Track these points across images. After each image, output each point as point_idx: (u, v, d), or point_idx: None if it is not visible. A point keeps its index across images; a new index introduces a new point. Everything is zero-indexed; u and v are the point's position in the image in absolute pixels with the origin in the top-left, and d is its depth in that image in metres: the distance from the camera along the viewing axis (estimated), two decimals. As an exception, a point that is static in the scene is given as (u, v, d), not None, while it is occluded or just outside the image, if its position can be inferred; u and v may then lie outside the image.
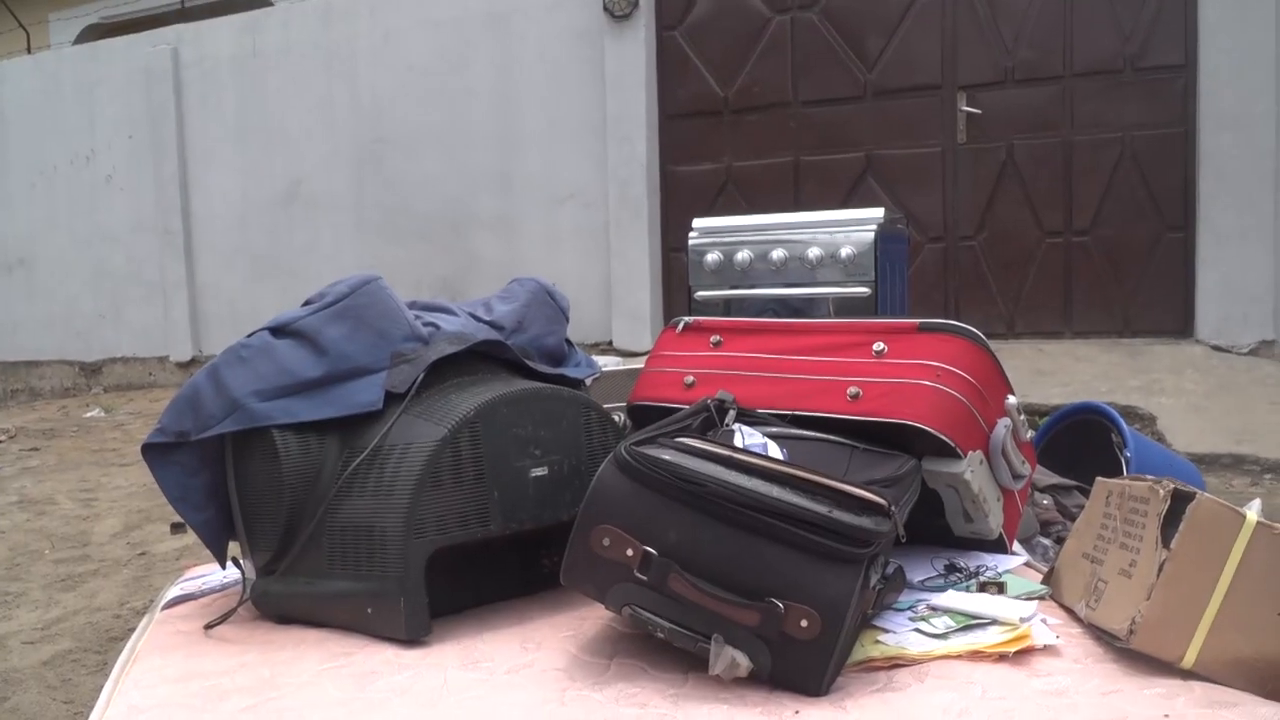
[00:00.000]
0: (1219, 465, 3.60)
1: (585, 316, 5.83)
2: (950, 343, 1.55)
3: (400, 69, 6.40)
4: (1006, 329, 5.08)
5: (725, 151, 5.66)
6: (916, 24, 5.19)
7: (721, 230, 2.94)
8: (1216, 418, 3.87)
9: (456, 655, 1.31)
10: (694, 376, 1.73)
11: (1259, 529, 1.21)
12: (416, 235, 6.41)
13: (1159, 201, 4.62)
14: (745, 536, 1.16)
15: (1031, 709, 1.10)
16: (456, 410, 1.39)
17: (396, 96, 6.43)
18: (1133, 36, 4.77)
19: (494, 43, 6.10)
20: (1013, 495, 1.65)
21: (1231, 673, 1.20)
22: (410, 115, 6.39)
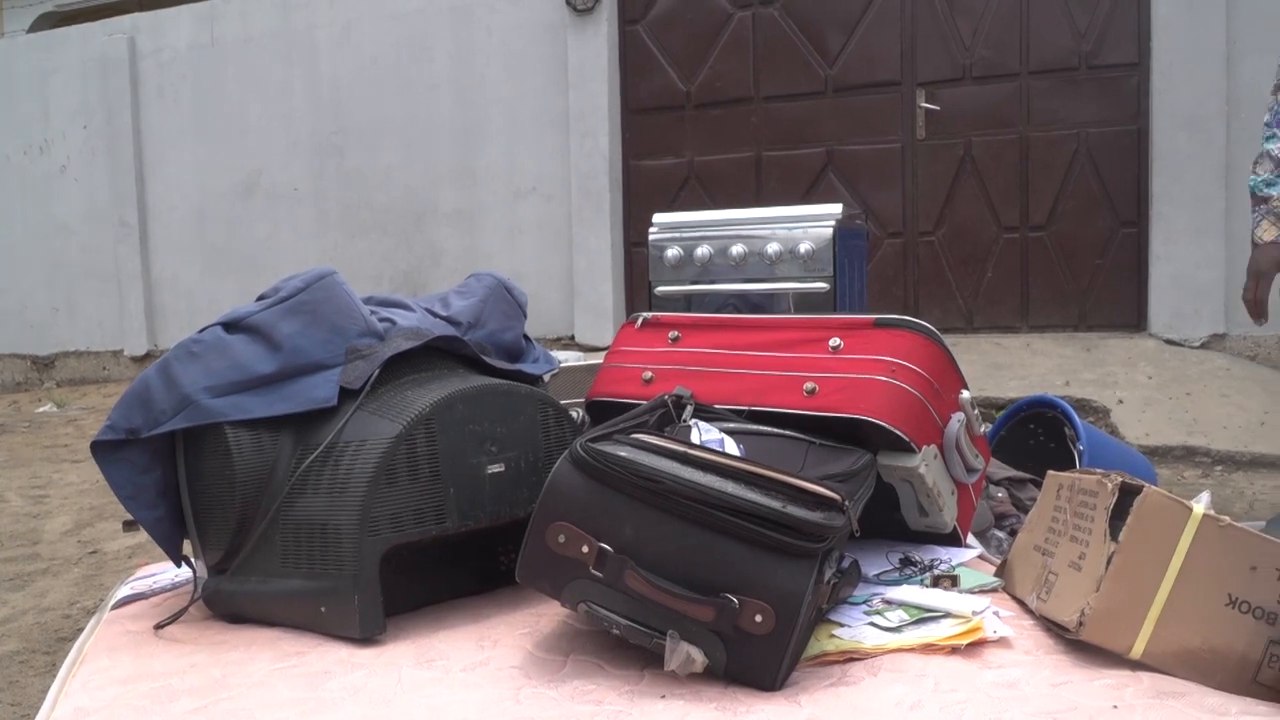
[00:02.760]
0: (1171, 457, 3.66)
1: (547, 310, 5.82)
2: (905, 338, 1.57)
3: (361, 60, 6.35)
4: (965, 323, 5.12)
5: (687, 146, 5.66)
6: (876, 21, 5.22)
7: (682, 225, 2.94)
8: (1169, 410, 3.93)
9: (411, 654, 1.30)
10: (652, 372, 1.73)
11: (1205, 521, 1.23)
12: (377, 228, 6.36)
13: (1113, 198, 4.68)
14: (700, 532, 1.16)
15: (983, 701, 1.12)
16: (412, 407, 1.38)
17: (357, 88, 6.37)
18: (1088, 35, 4.83)
19: (455, 35, 6.06)
20: (967, 489, 1.67)
21: (1179, 663, 1.22)
22: (371, 107, 6.34)
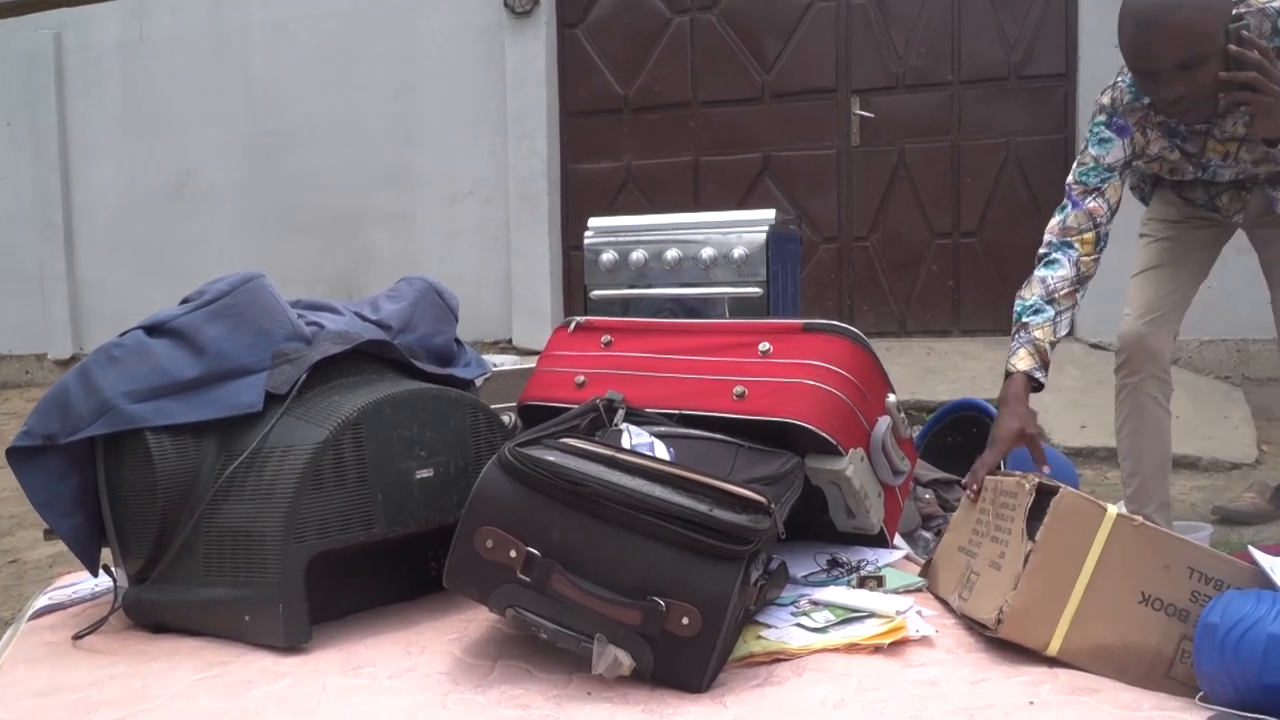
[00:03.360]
0: (1095, 458, 3.75)
1: (485, 314, 5.79)
2: (832, 343, 1.59)
3: (294, 59, 6.26)
4: (898, 328, 5.20)
5: (626, 150, 5.68)
6: (812, 28, 5.28)
7: (617, 230, 2.95)
8: (1094, 413, 4.02)
9: (337, 662, 1.29)
10: (585, 376, 1.74)
11: (1119, 521, 1.27)
12: (311, 230, 6.28)
13: (1041, 205, 4.78)
14: (627, 536, 1.17)
15: (904, 699, 1.14)
16: (339, 411, 1.37)
17: (290, 87, 6.28)
18: (1017, 45, 4.93)
19: (391, 35, 6.01)
20: (893, 491, 1.70)
21: (1094, 659, 1.25)
22: (304, 107, 6.25)
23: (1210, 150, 1.95)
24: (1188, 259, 2.17)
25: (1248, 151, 1.92)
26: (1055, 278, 1.91)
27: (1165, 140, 1.96)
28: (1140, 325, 2.12)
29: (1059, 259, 1.92)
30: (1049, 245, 1.96)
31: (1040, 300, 1.90)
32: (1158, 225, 2.21)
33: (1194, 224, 2.16)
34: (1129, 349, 2.13)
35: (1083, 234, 1.93)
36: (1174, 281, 2.16)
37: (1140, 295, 2.17)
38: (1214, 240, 2.19)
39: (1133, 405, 2.15)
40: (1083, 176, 1.97)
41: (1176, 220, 2.18)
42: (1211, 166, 1.99)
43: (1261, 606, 1.18)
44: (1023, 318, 1.90)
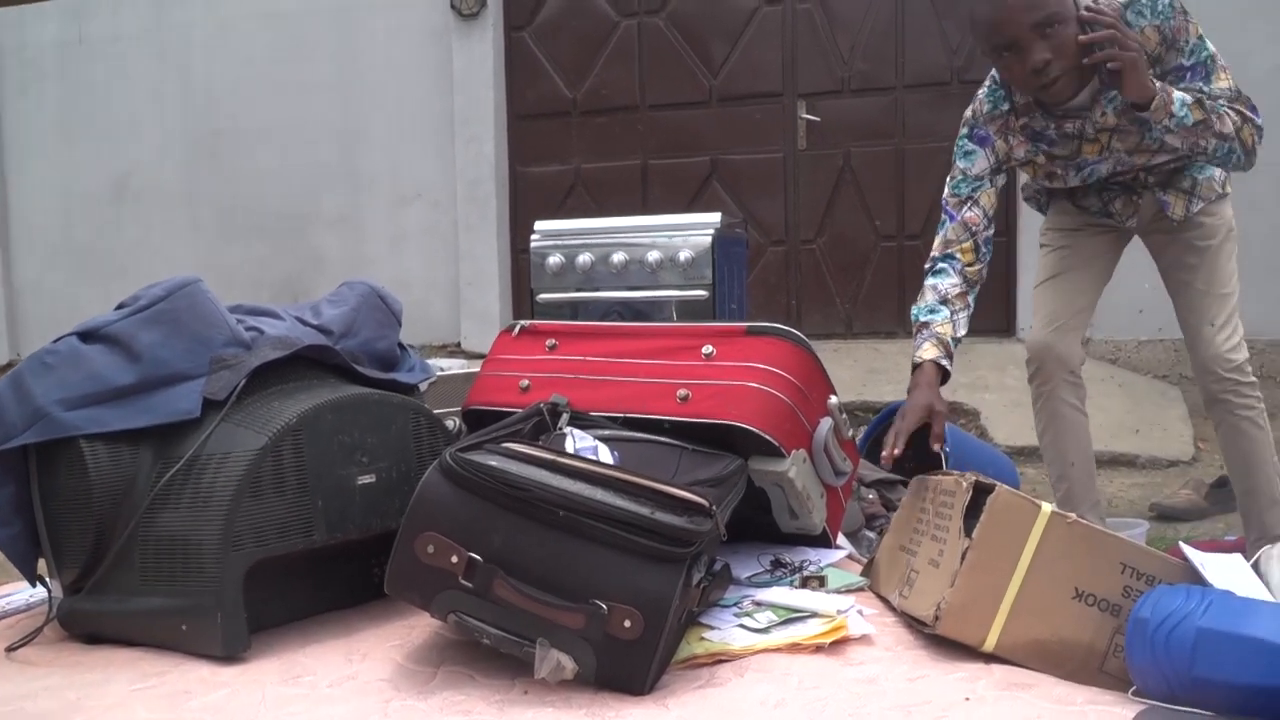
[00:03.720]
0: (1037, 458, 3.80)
1: (433, 318, 5.75)
2: (775, 345, 1.60)
3: (238, 60, 6.18)
4: (845, 329, 5.25)
5: (574, 153, 5.67)
6: (759, 33, 5.32)
7: (563, 233, 2.95)
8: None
9: (276, 671, 1.28)
10: (529, 380, 1.74)
11: (1053, 518, 1.29)
12: (256, 233, 6.20)
13: (984, 208, 4.86)
14: (569, 539, 1.17)
15: (844, 697, 1.15)
16: (278, 418, 1.35)
17: (234, 89, 6.20)
18: (959, 51, 5.00)
19: (337, 37, 5.96)
20: (836, 491, 1.71)
21: (1029, 655, 1.27)
22: (248, 108, 6.17)
23: (1086, 151, 2.00)
24: (1087, 266, 2.22)
25: (1120, 140, 1.98)
26: (945, 284, 2.02)
27: (1029, 144, 2.02)
28: (1047, 334, 2.17)
29: (945, 268, 2.04)
30: (933, 260, 2.06)
31: (935, 302, 2.01)
32: (1055, 234, 2.27)
33: (1090, 231, 2.22)
34: (1039, 358, 2.18)
35: (962, 245, 2.04)
36: (1076, 288, 2.21)
37: (1044, 304, 2.22)
38: (1111, 246, 2.24)
39: (1050, 413, 2.20)
40: (955, 189, 2.07)
41: (1073, 229, 2.23)
42: (1088, 165, 2.04)
43: (1191, 601, 1.21)
44: (921, 318, 2.01)
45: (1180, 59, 1.89)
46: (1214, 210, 2.11)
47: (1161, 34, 1.86)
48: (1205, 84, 1.88)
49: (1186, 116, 1.82)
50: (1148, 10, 1.85)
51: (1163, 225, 2.13)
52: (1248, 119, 1.88)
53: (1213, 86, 1.89)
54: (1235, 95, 1.90)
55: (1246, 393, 2.07)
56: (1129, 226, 2.18)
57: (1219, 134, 1.85)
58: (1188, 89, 1.87)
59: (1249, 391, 2.08)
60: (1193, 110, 1.82)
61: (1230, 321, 2.09)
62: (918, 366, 1.96)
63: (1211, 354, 2.07)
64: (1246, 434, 2.09)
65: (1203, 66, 1.89)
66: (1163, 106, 1.80)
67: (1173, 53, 1.88)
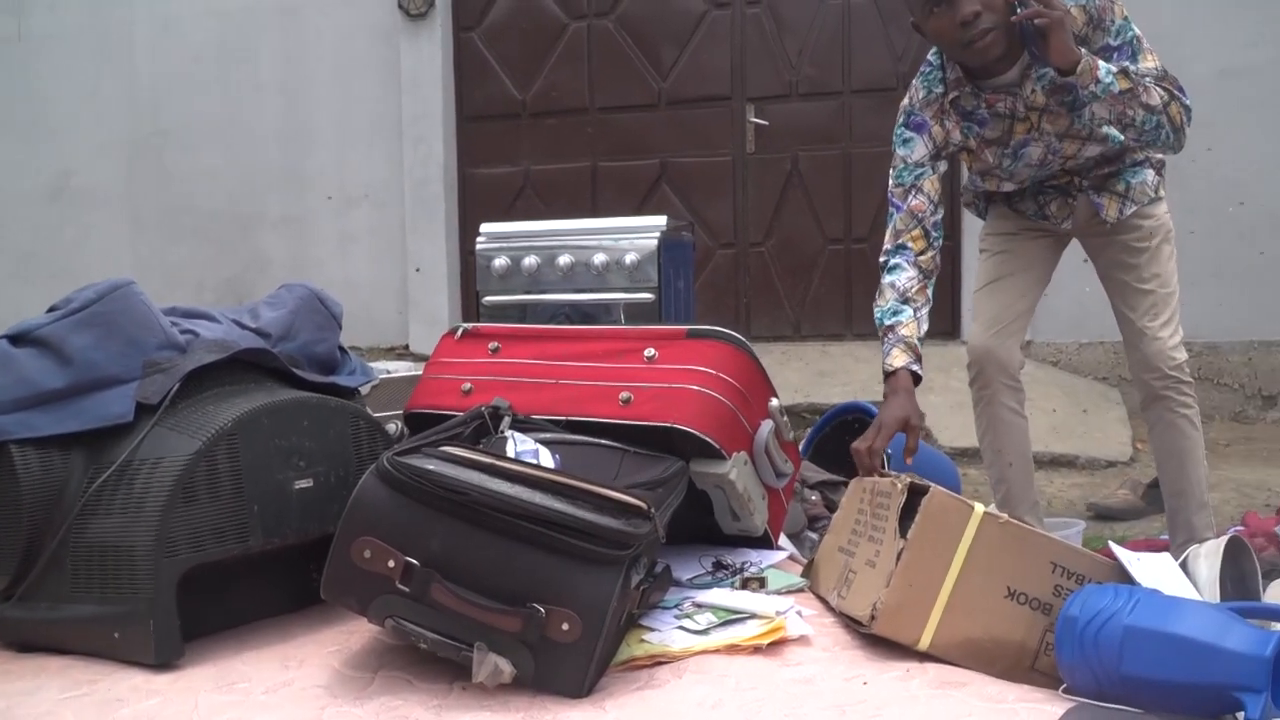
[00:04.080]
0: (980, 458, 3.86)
1: (380, 320, 5.70)
2: (716, 348, 1.61)
3: (181, 59, 6.08)
4: (793, 332, 5.28)
5: (523, 155, 5.65)
6: (707, 37, 5.33)
7: (509, 235, 2.94)
8: (979, 414, 4.15)
9: (211, 678, 1.26)
10: (471, 383, 1.73)
11: (986, 519, 1.31)
12: (199, 234, 6.10)
13: (929, 212, 4.92)
14: (507, 543, 1.17)
15: (781, 697, 1.16)
16: (213, 422, 1.34)
17: (176, 87, 6.09)
18: (904, 56, 5.05)
19: (283, 36, 5.88)
20: (777, 493, 1.73)
21: (963, 653, 1.30)
22: (192, 107, 6.07)
23: (1017, 131, 2.03)
24: (1026, 270, 2.25)
25: (1050, 123, 2.01)
26: (902, 280, 2.00)
27: (963, 125, 2.05)
28: (987, 338, 2.19)
29: (899, 263, 2.02)
30: (886, 253, 2.06)
31: (896, 303, 1.98)
32: (994, 239, 2.30)
33: (1028, 235, 2.25)
34: (979, 362, 2.20)
35: (912, 233, 2.03)
36: (1015, 293, 2.24)
37: (985, 309, 2.25)
38: (1049, 250, 2.28)
39: (990, 417, 2.22)
40: (898, 178, 2.08)
41: (1011, 233, 2.27)
42: (1021, 151, 2.06)
43: (1119, 600, 1.23)
44: (885, 322, 1.98)
45: (1107, 38, 1.92)
46: (1149, 213, 2.14)
47: (1088, 14, 1.89)
48: (1132, 63, 1.91)
49: (1113, 84, 1.84)
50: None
51: (1098, 228, 2.16)
52: (1175, 96, 1.91)
53: (1139, 66, 1.92)
54: (1162, 74, 1.92)
55: (1185, 392, 2.11)
56: (1065, 229, 2.22)
57: (1146, 105, 1.87)
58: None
59: (1188, 391, 2.11)
60: (1119, 79, 1.84)
61: (1172, 321, 2.12)
62: (891, 374, 1.92)
63: (1154, 351, 2.09)
64: (1183, 433, 2.12)
65: (1129, 46, 1.92)
66: (1088, 70, 1.82)
67: (1099, 32, 1.91)
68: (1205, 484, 2.17)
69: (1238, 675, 1.12)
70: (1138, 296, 2.13)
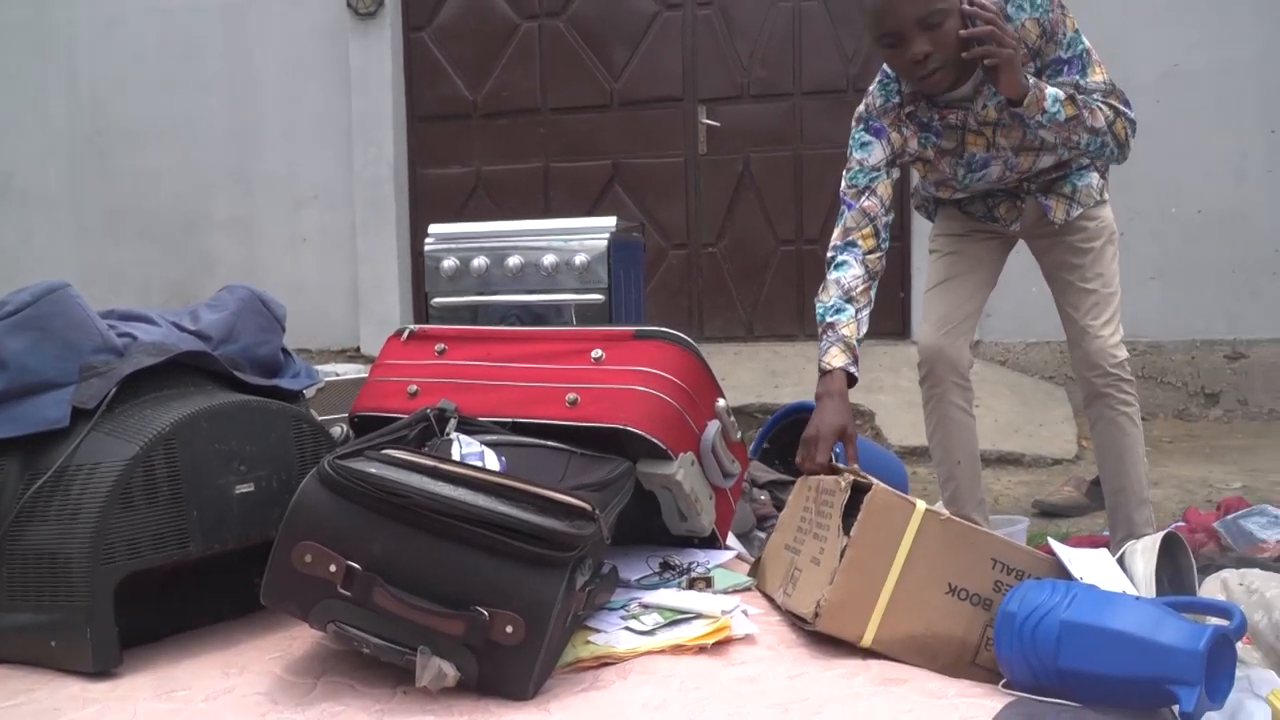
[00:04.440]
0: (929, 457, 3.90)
1: (331, 322, 5.65)
2: (663, 349, 1.62)
3: (125, 58, 5.98)
4: (745, 332, 5.31)
5: (475, 155, 5.63)
6: (659, 38, 5.35)
7: (458, 236, 2.93)
8: (929, 413, 4.19)
9: (150, 686, 1.24)
10: (418, 385, 1.72)
11: (927, 516, 1.33)
12: (145, 236, 6.01)
13: (879, 213, 4.96)
14: (450, 546, 1.16)
15: (725, 697, 1.17)
16: (151, 426, 1.32)
17: (120, 87, 6.00)
18: (854, 59, 5.10)
19: (228, 35, 5.81)
20: (725, 493, 1.73)
21: (906, 649, 1.31)
22: (136, 107, 5.98)
23: (971, 144, 2.07)
24: (974, 271, 2.29)
25: (1004, 136, 2.05)
26: (848, 278, 2.00)
27: (920, 135, 2.07)
28: (938, 338, 2.22)
29: (847, 260, 2.02)
30: (834, 249, 2.05)
31: (840, 300, 1.98)
32: (944, 240, 2.33)
33: (976, 237, 2.29)
34: (929, 362, 2.23)
35: (863, 230, 2.04)
36: (964, 293, 2.27)
37: (934, 309, 2.28)
38: (996, 251, 2.32)
39: (940, 415, 2.25)
40: (852, 180, 2.08)
41: (960, 234, 2.30)
42: (976, 163, 2.10)
43: (1056, 595, 1.25)
44: (826, 318, 1.97)
45: (1059, 51, 1.96)
46: (1094, 214, 2.19)
47: (1041, 26, 1.93)
48: (1082, 77, 1.96)
49: (1059, 112, 1.89)
50: (1027, 4, 1.93)
51: (1045, 229, 2.20)
52: (1120, 113, 1.96)
53: (1088, 80, 1.96)
54: (1109, 89, 1.97)
55: (1127, 389, 2.15)
56: (1013, 230, 2.25)
57: (1091, 129, 1.92)
58: (1063, 83, 1.94)
59: (1129, 389, 2.15)
60: (1065, 106, 1.89)
61: (1114, 320, 2.16)
62: (827, 373, 1.91)
63: (1096, 348, 2.13)
64: (1124, 430, 2.16)
65: (1079, 60, 1.97)
66: (1035, 102, 1.87)
67: (1051, 45, 1.95)
68: (1145, 480, 2.21)
69: (1172, 669, 1.15)
70: (1081, 296, 2.17)
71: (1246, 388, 4.63)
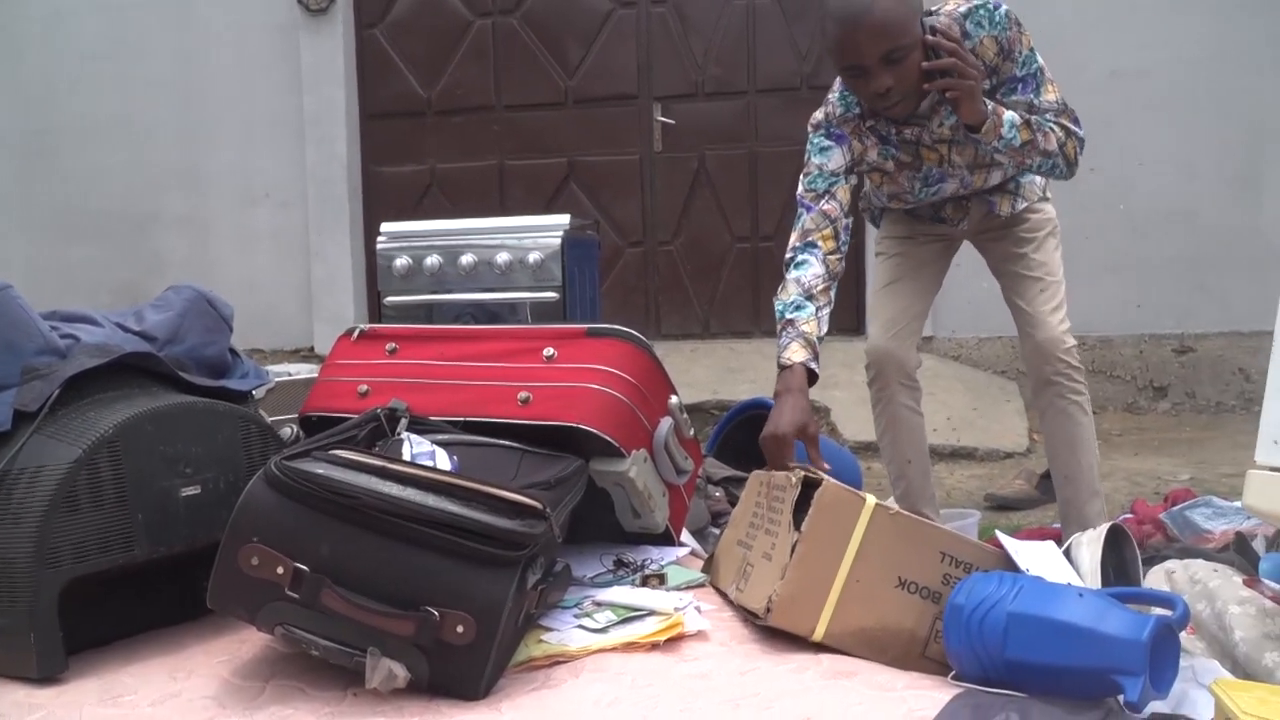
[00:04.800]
0: (884, 452, 3.94)
1: (284, 321, 5.59)
2: (615, 346, 1.62)
3: (72, 55, 5.87)
4: (702, 329, 5.32)
5: (429, 153, 5.59)
6: (614, 36, 5.34)
7: (411, 235, 2.91)
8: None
9: (96, 691, 1.22)
10: (369, 385, 1.71)
11: (877, 510, 1.34)
12: (95, 235, 5.91)
13: (834, 210, 4.99)
14: (399, 546, 1.15)
15: (676, 693, 1.17)
16: (94, 428, 1.30)
17: (68, 84, 5.89)
18: (808, 57, 5.13)
19: (179, 31, 5.72)
20: (678, 490, 1.74)
21: (856, 642, 1.32)
22: (85, 105, 5.87)
23: (926, 158, 2.09)
24: (921, 272, 2.31)
25: (959, 154, 2.07)
26: (808, 276, 1.99)
27: (880, 147, 2.08)
28: (886, 340, 2.24)
29: (807, 259, 2.01)
30: (794, 250, 2.04)
31: (800, 297, 1.96)
32: (890, 243, 2.36)
33: (921, 240, 2.32)
34: (877, 363, 2.25)
35: (822, 232, 2.03)
36: (911, 295, 2.30)
37: (882, 311, 2.29)
38: (943, 252, 2.34)
39: (889, 416, 2.27)
40: (811, 184, 2.07)
41: (906, 236, 2.33)
42: (933, 178, 2.12)
43: (1003, 587, 1.27)
44: (786, 315, 1.95)
45: (1014, 69, 1.98)
46: (1038, 208, 2.23)
47: (999, 44, 1.95)
48: (1035, 96, 1.98)
49: (1015, 138, 1.92)
50: (985, 21, 1.94)
51: (991, 224, 2.23)
52: (1071, 133, 1.99)
53: (1041, 99, 1.98)
54: (1061, 109, 2.00)
55: (1076, 377, 2.17)
56: (960, 229, 2.28)
57: (1044, 152, 1.96)
58: (1017, 101, 1.97)
59: (1078, 377, 2.17)
60: (1021, 131, 1.92)
61: (1061, 307, 2.19)
62: (787, 368, 1.87)
63: (1046, 336, 2.15)
64: (1074, 419, 2.18)
65: (1033, 79, 1.99)
66: (993, 129, 1.89)
67: (1008, 63, 1.97)
68: (1096, 471, 2.23)
69: (1116, 659, 1.17)
70: (1027, 283, 2.20)
71: (1194, 381, 4.71)
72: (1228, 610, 1.40)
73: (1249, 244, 4.55)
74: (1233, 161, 4.64)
